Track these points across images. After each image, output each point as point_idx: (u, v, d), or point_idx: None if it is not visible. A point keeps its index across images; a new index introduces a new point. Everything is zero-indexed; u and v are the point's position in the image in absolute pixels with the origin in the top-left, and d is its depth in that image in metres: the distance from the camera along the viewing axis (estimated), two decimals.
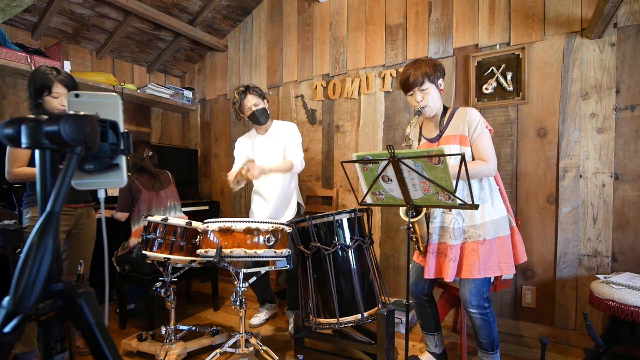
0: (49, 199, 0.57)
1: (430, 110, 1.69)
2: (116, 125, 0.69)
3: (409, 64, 1.71)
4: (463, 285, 1.67)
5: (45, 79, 1.80)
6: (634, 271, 1.96)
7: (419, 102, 1.67)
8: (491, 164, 1.61)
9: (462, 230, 1.65)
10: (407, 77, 1.67)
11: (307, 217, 1.89)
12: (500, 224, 1.64)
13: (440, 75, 1.70)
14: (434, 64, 1.68)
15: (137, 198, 2.41)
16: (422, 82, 1.64)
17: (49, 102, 1.82)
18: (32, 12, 2.70)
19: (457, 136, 1.66)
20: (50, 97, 1.81)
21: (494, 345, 1.67)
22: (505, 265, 1.63)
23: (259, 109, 2.39)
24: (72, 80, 1.89)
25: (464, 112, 1.68)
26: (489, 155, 1.61)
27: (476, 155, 1.64)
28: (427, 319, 1.87)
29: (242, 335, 1.87)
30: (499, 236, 1.63)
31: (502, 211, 1.67)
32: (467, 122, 1.64)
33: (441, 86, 1.72)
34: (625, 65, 2.03)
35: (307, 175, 3.17)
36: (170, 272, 2.01)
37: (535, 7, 2.24)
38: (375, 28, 2.82)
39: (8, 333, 0.51)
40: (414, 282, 1.84)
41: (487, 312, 1.65)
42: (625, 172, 2.04)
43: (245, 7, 3.43)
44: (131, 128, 3.56)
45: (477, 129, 1.62)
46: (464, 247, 1.64)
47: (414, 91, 1.67)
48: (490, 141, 1.64)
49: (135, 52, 3.45)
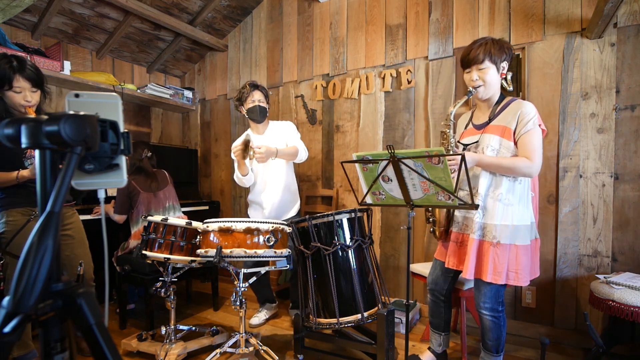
0: (48, 199, 0.57)
1: (484, 91, 1.58)
2: (116, 125, 0.69)
3: (476, 40, 1.60)
4: (477, 287, 1.63)
5: (4, 72, 1.60)
6: (634, 271, 1.96)
7: (474, 80, 1.57)
8: (535, 163, 1.49)
9: (480, 226, 1.57)
10: (468, 52, 1.58)
11: (307, 217, 1.89)
12: (520, 231, 1.54)
13: (506, 57, 1.58)
14: (501, 44, 1.56)
15: (135, 200, 2.40)
16: (482, 60, 1.54)
17: (10, 98, 1.64)
18: (32, 12, 2.70)
19: (501, 127, 1.56)
20: (11, 92, 1.63)
21: (499, 348, 1.65)
22: (514, 275, 1.53)
23: (262, 105, 2.44)
24: (39, 73, 1.70)
25: (519, 104, 1.57)
26: (535, 154, 1.49)
27: (521, 151, 1.52)
28: (439, 318, 1.85)
29: (242, 335, 1.87)
30: (515, 244, 1.53)
31: (526, 219, 1.56)
32: (519, 115, 1.53)
33: (504, 70, 1.60)
34: (625, 65, 2.03)
35: (307, 175, 3.17)
36: (170, 272, 2.01)
37: (535, 7, 2.24)
38: (375, 28, 2.82)
39: (8, 333, 0.51)
40: (434, 280, 1.82)
41: (500, 316, 1.61)
42: (625, 172, 2.04)
43: (245, 7, 3.43)
44: (131, 128, 3.56)
45: (529, 124, 1.51)
46: (481, 245, 1.57)
47: (472, 69, 1.58)
48: (539, 140, 1.52)
49: (135, 52, 3.45)
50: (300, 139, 2.50)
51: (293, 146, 2.39)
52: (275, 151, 2.24)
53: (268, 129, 2.53)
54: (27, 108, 1.69)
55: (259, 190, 2.49)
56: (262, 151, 2.13)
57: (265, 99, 2.47)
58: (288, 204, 2.51)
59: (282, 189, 2.46)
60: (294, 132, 2.51)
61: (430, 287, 1.85)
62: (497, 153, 1.57)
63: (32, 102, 1.70)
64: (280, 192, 2.46)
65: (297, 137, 2.50)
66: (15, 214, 1.72)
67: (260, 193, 2.49)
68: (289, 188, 2.50)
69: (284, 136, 2.48)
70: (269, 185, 2.46)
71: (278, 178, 2.46)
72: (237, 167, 2.38)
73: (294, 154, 2.38)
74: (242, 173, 2.38)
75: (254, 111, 2.42)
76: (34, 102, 1.71)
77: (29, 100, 1.68)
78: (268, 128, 2.54)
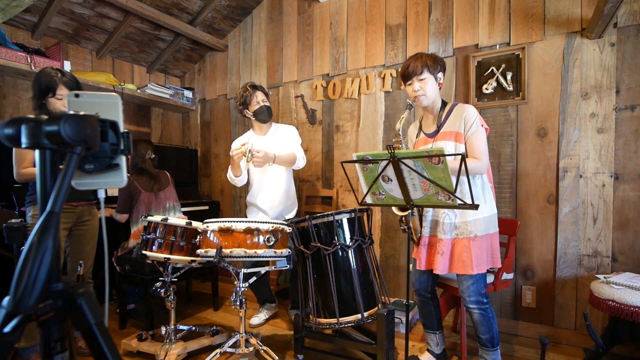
0: (49, 198, 0.57)
1: (425, 100, 1.70)
2: (116, 125, 0.69)
3: (411, 56, 1.74)
4: (460, 282, 1.70)
5: (50, 81, 1.81)
6: (634, 271, 1.96)
7: (416, 91, 1.69)
8: (483, 161, 1.63)
9: (453, 226, 1.68)
10: (407, 66, 1.71)
11: (307, 217, 1.89)
12: (491, 222, 1.68)
13: (440, 69, 1.72)
14: (434, 57, 1.71)
15: (136, 199, 2.40)
16: (421, 71, 1.67)
17: (52, 104, 1.84)
18: (32, 12, 2.70)
19: (453, 133, 1.68)
20: (54, 98, 1.83)
21: (494, 341, 1.68)
22: (491, 259, 1.68)
23: (267, 104, 2.44)
24: (76, 82, 1.91)
25: (461, 108, 1.70)
26: (482, 153, 1.63)
27: (469, 152, 1.66)
28: (430, 318, 1.89)
29: (242, 335, 1.87)
30: (489, 233, 1.67)
31: (493, 209, 1.70)
32: (464, 119, 1.66)
33: (440, 80, 1.74)
34: (625, 65, 2.03)
35: (307, 175, 3.17)
36: (170, 272, 2.01)
37: (535, 7, 2.24)
38: (375, 28, 2.82)
39: (8, 333, 0.51)
40: (417, 280, 1.86)
41: (486, 308, 1.67)
42: (625, 172, 2.04)
43: (245, 7, 3.43)
44: (131, 128, 3.56)
45: (473, 126, 1.64)
46: (455, 242, 1.67)
47: (412, 80, 1.70)
48: (484, 139, 1.65)
49: (135, 52, 3.45)
50: (300, 146, 2.49)
51: (291, 153, 2.39)
52: (273, 157, 2.24)
53: (271, 131, 2.53)
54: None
55: (256, 193, 2.48)
56: (260, 155, 2.13)
57: (267, 98, 2.48)
58: (286, 207, 2.50)
59: (280, 192, 2.45)
60: (296, 139, 2.49)
61: (415, 287, 1.88)
62: (454, 158, 1.65)
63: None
64: (279, 195, 2.45)
65: (297, 143, 2.48)
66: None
67: (258, 196, 2.48)
68: (287, 191, 2.50)
69: (285, 141, 2.47)
70: (267, 188, 2.46)
71: (276, 181, 2.45)
72: (231, 167, 2.38)
73: (292, 161, 2.38)
74: (235, 174, 2.38)
75: (261, 112, 2.41)
76: None
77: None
78: (271, 130, 2.53)
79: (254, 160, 2.14)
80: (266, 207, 2.45)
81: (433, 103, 1.74)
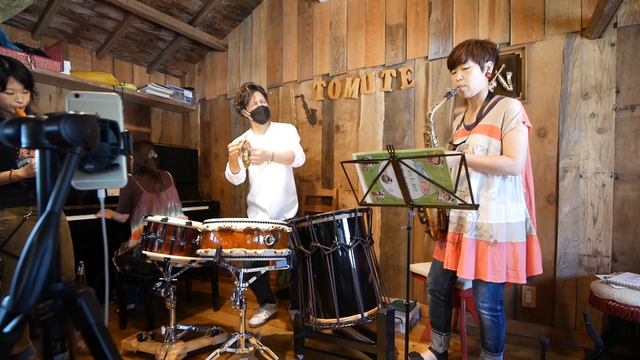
0: (49, 199, 0.57)
1: (467, 91, 1.62)
2: (116, 125, 0.69)
3: (460, 43, 1.64)
4: (475, 286, 1.64)
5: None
6: (634, 271, 1.96)
7: (458, 80, 1.61)
8: (517, 161, 1.50)
9: (474, 225, 1.58)
10: (452, 54, 1.63)
11: (307, 217, 1.89)
12: (516, 229, 1.55)
13: (490, 57, 1.60)
14: (484, 44, 1.60)
15: (138, 199, 2.40)
16: (465, 59, 1.58)
17: (2, 99, 1.66)
18: (32, 12, 2.70)
19: (489, 127, 1.58)
20: (4, 93, 1.65)
21: (499, 347, 1.66)
22: (513, 272, 1.55)
23: (265, 105, 2.44)
24: (29, 75, 1.73)
25: (505, 102, 1.59)
26: (518, 152, 1.50)
27: (505, 149, 1.54)
28: (439, 318, 1.85)
29: (242, 335, 1.87)
30: (512, 241, 1.55)
31: (521, 216, 1.57)
32: (504, 113, 1.55)
33: (488, 69, 1.62)
34: (625, 65, 2.03)
35: (307, 175, 3.17)
36: (170, 272, 2.01)
37: (535, 7, 2.24)
38: (375, 28, 2.82)
39: (8, 333, 0.51)
40: (434, 279, 1.82)
41: (498, 315, 1.62)
42: (625, 172, 2.04)
43: (245, 7, 3.43)
44: (131, 128, 3.56)
45: (512, 122, 1.52)
46: (478, 245, 1.57)
47: (456, 69, 1.62)
48: (524, 138, 1.53)
49: (135, 52, 3.45)
50: (299, 144, 2.50)
51: (290, 151, 2.39)
52: (271, 155, 2.24)
53: (269, 130, 2.53)
54: (18, 109, 1.71)
55: (256, 192, 2.49)
56: (257, 153, 2.13)
57: (265, 99, 2.48)
58: (287, 205, 2.50)
59: (280, 190, 2.45)
60: (294, 136, 2.50)
61: (430, 287, 1.85)
62: (486, 152, 1.57)
63: (23, 103, 1.72)
64: (279, 194, 2.45)
65: (296, 141, 2.49)
66: (9, 214, 1.74)
67: (258, 195, 2.48)
68: (288, 189, 2.50)
69: (283, 139, 2.47)
70: (267, 186, 2.46)
71: (276, 179, 2.45)
72: (229, 164, 2.38)
73: (290, 159, 2.37)
74: (233, 171, 2.38)
75: (259, 112, 2.42)
76: (24, 103, 1.73)
77: (20, 101, 1.71)
78: (269, 129, 2.54)
79: (251, 158, 2.14)
80: (266, 206, 2.45)
81: (477, 94, 1.65)
